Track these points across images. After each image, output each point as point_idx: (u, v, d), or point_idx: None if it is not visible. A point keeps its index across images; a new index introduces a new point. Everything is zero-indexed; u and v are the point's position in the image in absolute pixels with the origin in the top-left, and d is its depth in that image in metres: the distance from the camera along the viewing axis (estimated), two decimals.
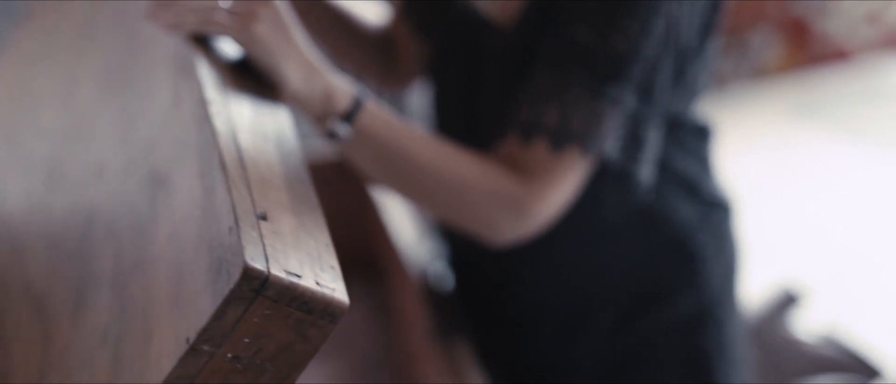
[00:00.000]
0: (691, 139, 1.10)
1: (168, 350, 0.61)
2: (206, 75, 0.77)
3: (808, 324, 1.68)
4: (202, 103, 0.74)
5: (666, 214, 1.09)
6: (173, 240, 0.68)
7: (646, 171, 0.96)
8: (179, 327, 0.62)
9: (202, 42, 0.82)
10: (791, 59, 3.09)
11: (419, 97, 1.45)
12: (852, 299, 2.22)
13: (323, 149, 1.26)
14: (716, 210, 1.14)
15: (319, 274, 0.63)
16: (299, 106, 0.84)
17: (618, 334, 1.13)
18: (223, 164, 0.67)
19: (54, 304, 0.79)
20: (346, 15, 1.19)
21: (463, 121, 1.10)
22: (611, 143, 0.92)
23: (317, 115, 0.84)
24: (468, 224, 0.95)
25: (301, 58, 0.83)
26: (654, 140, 0.96)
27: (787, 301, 1.64)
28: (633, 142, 0.94)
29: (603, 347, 1.14)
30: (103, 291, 0.73)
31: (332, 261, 0.66)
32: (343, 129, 0.84)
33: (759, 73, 3.01)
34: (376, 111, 0.87)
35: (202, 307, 0.61)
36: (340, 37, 1.19)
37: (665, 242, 1.11)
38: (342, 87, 0.85)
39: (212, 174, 0.68)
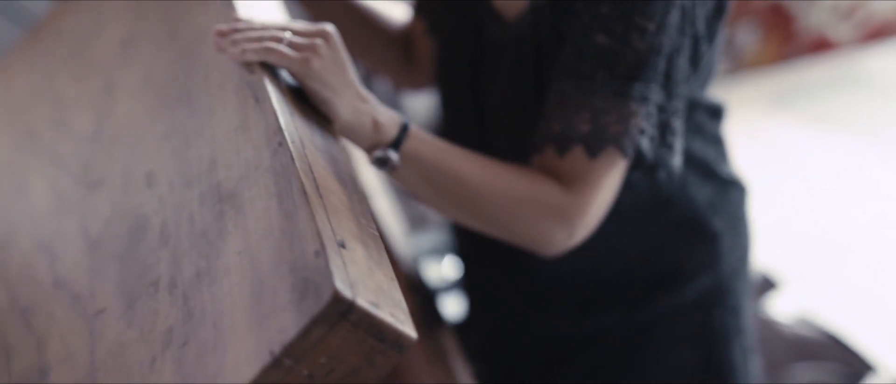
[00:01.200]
0: (706, 120, 1.11)
1: (247, 359, 0.64)
2: (277, 102, 0.81)
3: (783, 311, 1.69)
4: (277, 131, 0.77)
5: (683, 196, 1.10)
6: (246, 255, 0.71)
7: (678, 160, 0.96)
8: (260, 339, 0.64)
9: (265, 65, 0.85)
10: (772, 52, 3.14)
11: (416, 99, 1.47)
12: (827, 287, 2.23)
13: None
14: (732, 189, 1.14)
15: (392, 306, 0.67)
16: (350, 137, 0.88)
17: (634, 311, 1.14)
18: (304, 191, 0.71)
19: (97, 303, 0.79)
20: (370, 13, 1.22)
21: (470, 115, 1.11)
22: (646, 140, 0.92)
23: (367, 145, 0.88)
24: (518, 237, 0.96)
25: (353, 92, 0.87)
26: (681, 128, 0.96)
27: (765, 286, 1.66)
28: (665, 134, 0.94)
29: (618, 324, 1.15)
30: (161, 296, 0.74)
31: (398, 294, 0.70)
32: (393, 156, 0.88)
33: (740, 64, 3.08)
34: (421, 135, 0.91)
35: (286, 323, 0.63)
36: (364, 35, 1.22)
37: (682, 223, 1.11)
38: (388, 116, 0.89)
39: (292, 199, 0.71)
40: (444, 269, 2.26)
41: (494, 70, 1.05)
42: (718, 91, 1.17)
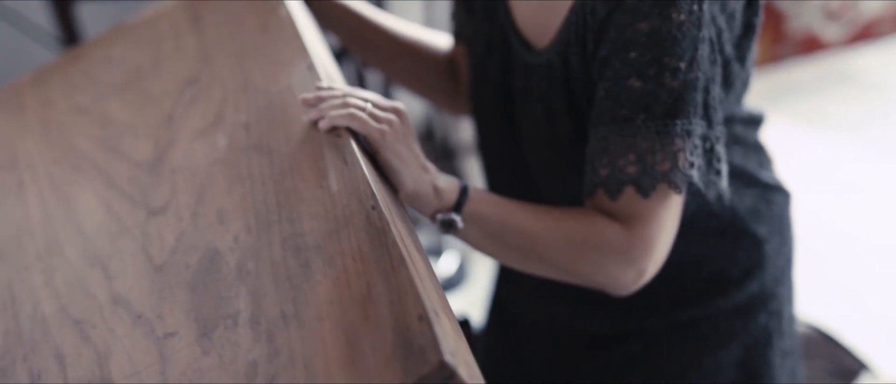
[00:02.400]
0: (744, 131, 1.11)
1: None
2: (366, 167, 0.86)
3: None
4: (371, 195, 0.82)
5: (725, 206, 1.09)
6: (338, 306, 0.74)
7: (725, 183, 0.96)
8: None
9: (350, 131, 0.91)
10: (763, 52, 3.15)
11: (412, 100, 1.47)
12: (815, 285, 2.19)
13: None
14: (775, 195, 1.14)
15: (477, 378, 0.72)
16: (415, 205, 0.93)
17: (676, 312, 1.14)
18: (403, 257, 0.75)
19: (166, 326, 0.81)
20: (415, 44, 1.27)
21: (503, 136, 1.14)
22: (695, 171, 0.92)
23: (431, 211, 0.93)
24: (587, 281, 0.96)
25: (418, 163, 0.92)
26: (724, 151, 0.96)
27: None
28: (711, 161, 0.94)
29: (661, 323, 1.15)
30: (241, 330, 0.77)
31: (475, 366, 0.74)
32: (456, 219, 0.92)
33: None
34: (480, 195, 0.95)
35: (388, 378, 0.67)
36: (411, 64, 1.27)
37: (726, 230, 1.11)
38: (448, 182, 0.94)
39: (389, 261, 0.75)
40: (441, 267, 2.27)
41: (525, 92, 1.07)
42: None
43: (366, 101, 0.94)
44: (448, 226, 0.92)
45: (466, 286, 2.40)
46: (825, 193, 2.69)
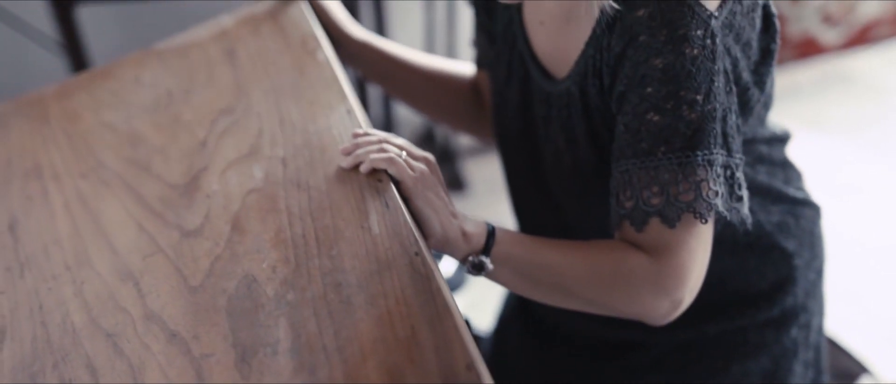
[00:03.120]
0: (769, 149, 1.11)
1: None
2: (406, 212, 0.89)
3: None
4: (414, 242, 0.85)
5: (755, 223, 1.08)
6: (382, 344, 0.76)
7: (747, 210, 0.96)
8: None
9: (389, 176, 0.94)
10: None
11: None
12: None
13: None
14: (803, 210, 1.15)
15: None
16: (445, 250, 0.95)
17: (704, 325, 1.14)
18: (447, 304, 0.78)
19: (202, 347, 0.82)
20: (440, 74, 1.30)
21: (526, 160, 1.15)
22: (719, 200, 0.92)
23: (462, 256, 0.95)
24: (620, 313, 0.96)
25: (447, 211, 0.94)
26: (743, 177, 0.96)
27: None
28: (733, 188, 0.94)
29: (691, 333, 1.15)
30: (281, 359, 0.78)
31: None
32: (486, 262, 0.94)
33: None
34: (507, 236, 0.96)
35: None
36: (434, 94, 1.30)
37: (753, 246, 1.11)
38: (475, 225, 0.95)
39: (434, 308, 0.78)
40: (441, 269, 2.25)
41: (546, 120, 1.09)
42: None
43: (401, 148, 0.97)
44: (479, 269, 0.94)
45: (466, 289, 2.40)
46: (824, 196, 2.71)
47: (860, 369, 1.42)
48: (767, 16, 0.97)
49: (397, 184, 0.93)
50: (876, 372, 1.50)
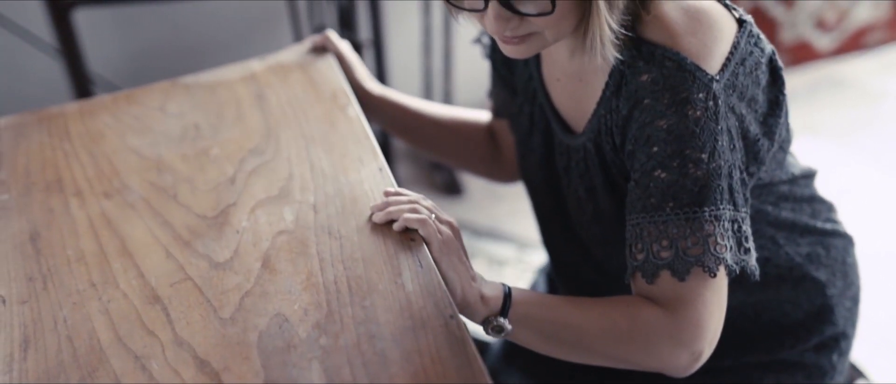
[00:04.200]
0: (790, 188, 1.12)
1: None
2: (438, 274, 0.91)
3: None
4: (448, 304, 0.87)
5: (781, 256, 1.10)
6: None
7: (754, 261, 0.97)
8: None
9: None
10: None
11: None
12: None
13: None
14: (833, 241, 1.15)
15: None
16: (464, 313, 0.96)
17: (744, 356, 1.14)
18: (483, 372, 0.81)
19: (233, 376, 0.82)
20: (454, 122, 1.34)
21: (551, 204, 1.18)
22: (728, 254, 0.93)
23: (481, 319, 0.96)
24: (639, 366, 0.96)
25: (468, 274, 0.97)
26: (750, 230, 0.97)
27: None
28: (740, 241, 0.95)
29: (727, 363, 1.15)
30: None
31: None
32: (505, 324, 0.95)
33: None
34: (524, 297, 0.97)
35: None
36: (450, 143, 1.33)
37: (785, 277, 1.12)
38: (492, 288, 0.97)
39: (470, 373, 0.80)
40: None
41: (566, 170, 1.12)
42: None
43: (431, 211, 1.00)
44: (498, 331, 0.96)
45: None
46: None
47: (856, 373, 1.43)
48: (774, 69, 0.99)
49: (425, 244, 0.96)
50: (871, 375, 1.51)
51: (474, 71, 3.03)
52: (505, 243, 2.56)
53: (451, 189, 2.80)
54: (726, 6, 0.98)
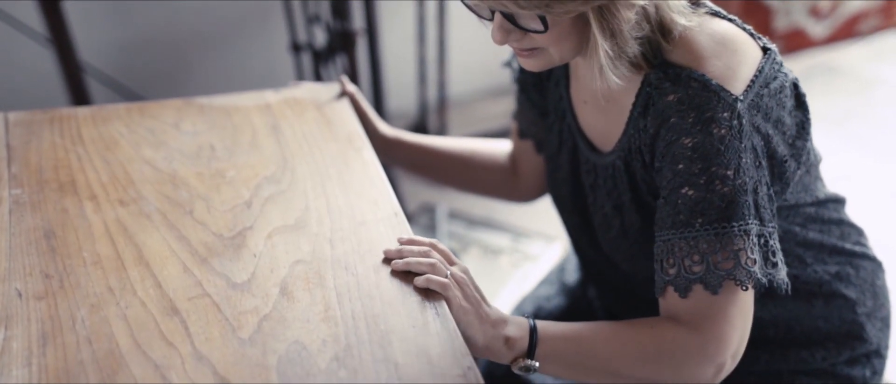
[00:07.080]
0: (817, 211, 1.12)
1: None
2: (455, 324, 0.93)
3: None
4: (465, 354, 0.88)
5: (810, 274, 1.10)
6: None
7: (783, 274, 0.96)
8: None
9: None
10: None
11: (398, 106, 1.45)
12: None
13: None
14: (862, 263, 1.15)
15: None
16: (489, 357, 0.96)
17: (772, 365, 1.12)
18: None
19: None
20: (471, 155, 1.34)
21: (578, 220, 1.19)
22: (757, 268, 0.93)
23: (508, 362, 0.96)
24: (665, 382, 0.95)
25: (488, 322, 0.96)
26: (777, 243, 0.96)
27: None
28: (768, 255, 0.95)
29: (759, 368, 1.14)
30: None
31: None
32: (533, 363, 0.95)
33: None
34: (549, 332, 0.96)
35: None
36: (467, 174, 1.34)
37: (815, 294, 1.11)
38: (517, 328, 0.96)
39: None
40: None
41: (593, 187, 1.12)
42: None
43: (443, 254, 1.01)
44: (527, 371, 0.95)
45: None
46: None
47: None
48: (798, 95, 1.00)
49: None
50: None
51: (468, 60, 3.05)
52: (499, 233, 2.56)
53: None
54: (751, 34, 1.00)
